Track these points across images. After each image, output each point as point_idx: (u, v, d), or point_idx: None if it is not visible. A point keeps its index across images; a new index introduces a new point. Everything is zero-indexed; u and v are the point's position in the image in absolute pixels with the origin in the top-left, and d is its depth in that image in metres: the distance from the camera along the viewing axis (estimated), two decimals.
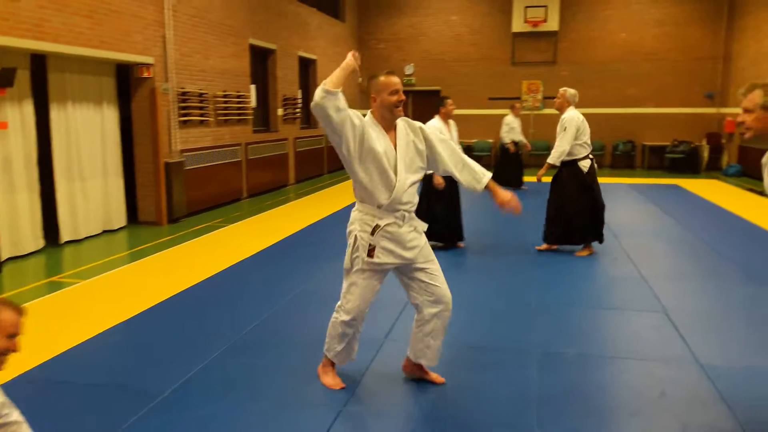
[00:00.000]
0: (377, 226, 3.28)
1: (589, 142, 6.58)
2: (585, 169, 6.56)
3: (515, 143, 12.09)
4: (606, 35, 16.49)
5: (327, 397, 3.50)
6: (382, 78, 3.29)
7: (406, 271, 3.42)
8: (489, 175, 3.45)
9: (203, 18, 9.75)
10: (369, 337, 4.42)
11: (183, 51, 9.19)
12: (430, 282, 3.40)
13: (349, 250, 3.37)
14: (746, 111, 2.79)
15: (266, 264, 6.55)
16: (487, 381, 3.72)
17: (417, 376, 3.66)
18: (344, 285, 3.44)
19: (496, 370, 3.89)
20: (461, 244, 7.23)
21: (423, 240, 3.43)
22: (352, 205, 3.55)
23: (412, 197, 3.39)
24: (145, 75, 8.42)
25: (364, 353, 4.10)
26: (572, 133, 6.43)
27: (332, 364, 3.64)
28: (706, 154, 15.81)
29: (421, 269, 3.39)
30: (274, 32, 12.41)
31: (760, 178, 11.71)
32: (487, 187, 3.43)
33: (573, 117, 6.48)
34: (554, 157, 6.53)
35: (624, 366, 3.94)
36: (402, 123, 3.40)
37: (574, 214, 6.63)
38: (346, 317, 3.42)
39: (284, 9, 12.86)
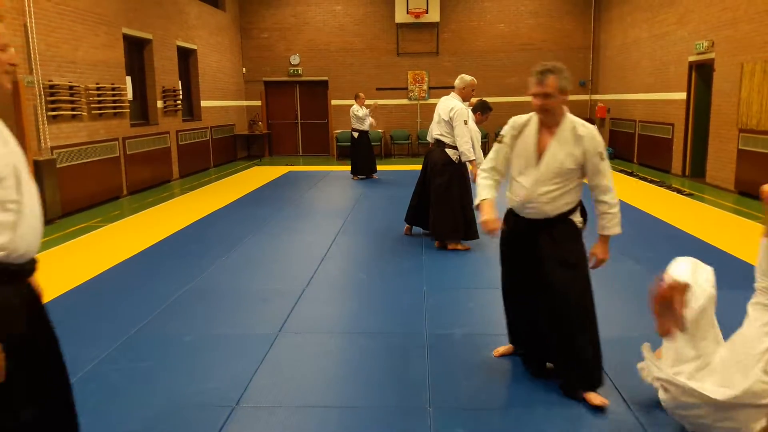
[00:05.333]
0: None
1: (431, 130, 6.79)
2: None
3: (362, 132, 12.18)
4: (485, 26, 17.03)
5: (218, 396, 3.40)
6: None
7: None
8: None
9: (69, 5, 9.13)
10: (261, 332, 4.34)
11: (48, 41, 8.57)
12: None
13: None
14: (546, 95, 3.14)
15: (150, 263, 6.26)
16: (379, 366, 3.74)
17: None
18: None
19: (387, 354, 3.93)
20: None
21: None
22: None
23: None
24: None
25: (256, 348, 4.02)
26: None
27: None
28: None
29: None
30: (150, 21, 11.85)
31: (629, 160, 12.44)
32: None
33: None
34: None
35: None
36: None
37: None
38: None
39: None
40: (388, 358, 3.89)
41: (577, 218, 3.46)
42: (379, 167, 12.80)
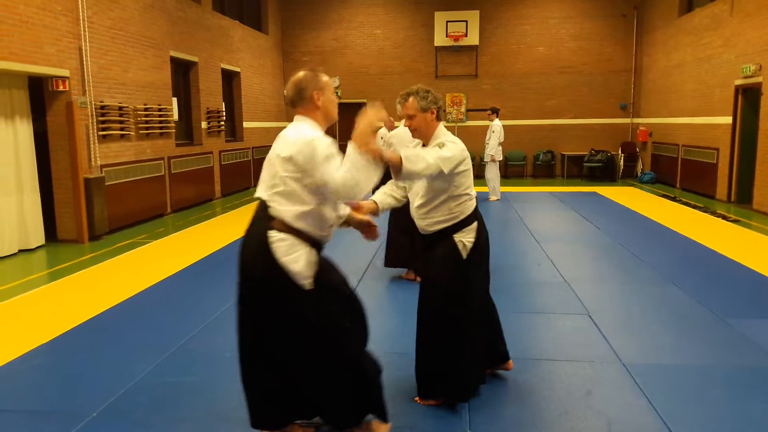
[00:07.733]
0: None
1: None
2: None
3: None
4: (525, 49, 17.04)
5: None
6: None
7: None
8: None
9: (121, 30, 9.47)
10: None
11: (101, 63, 8.89)
12: None
13: None
14: (410, 117, 3.37)
15: (193, 280, 6.39)
16: (415, 387, 3.74)
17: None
18: None
19: None
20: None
21: None
22: None
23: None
24: (61, 88, 8.10)
25: None
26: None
27: None
28: (621, 162, 16.54)
29: None
30: (196, 44, 12.19)
31: (672, 185, 12.24)
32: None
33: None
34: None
35: (551, 367, 4.05)
36: None
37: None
38: None
39: (206, 21, 12.66)
40: None
41: (462, 237, 3.36)
42: None
